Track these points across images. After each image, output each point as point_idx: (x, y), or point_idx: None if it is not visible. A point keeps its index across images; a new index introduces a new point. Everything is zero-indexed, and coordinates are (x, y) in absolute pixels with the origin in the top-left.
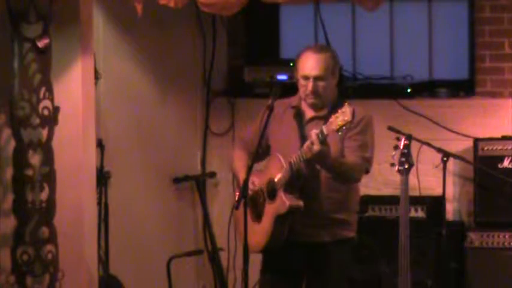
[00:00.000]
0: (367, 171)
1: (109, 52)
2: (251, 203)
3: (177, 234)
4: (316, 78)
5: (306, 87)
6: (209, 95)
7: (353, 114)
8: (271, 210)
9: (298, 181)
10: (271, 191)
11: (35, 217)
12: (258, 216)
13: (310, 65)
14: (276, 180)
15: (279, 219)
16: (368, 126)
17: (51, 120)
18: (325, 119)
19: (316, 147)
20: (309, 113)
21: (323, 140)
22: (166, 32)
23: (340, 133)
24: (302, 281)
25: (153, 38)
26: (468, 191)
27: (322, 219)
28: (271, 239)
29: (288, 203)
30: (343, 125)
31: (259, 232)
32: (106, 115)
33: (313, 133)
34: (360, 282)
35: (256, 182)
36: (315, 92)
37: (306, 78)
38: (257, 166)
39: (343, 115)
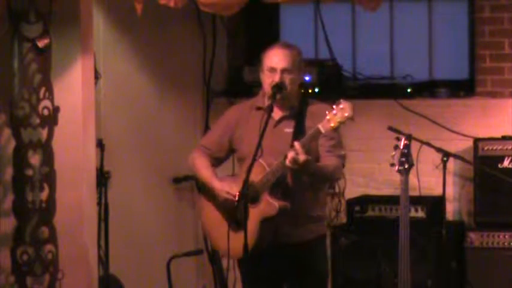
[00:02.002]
0: (343, 166)
1: (109, 52)
2: (223, 209)
3: (177, 234)
4: (284, 71)
5: (272, 79)
6: (209, 95)
7: (353, 110)
8: (256, 213)
9: (282, 183)
10: (252, 195)
11: (35, 217)
12: (236, 223)
13: (277, 58)
14: (257, 183)
15: (266, 222)
16: None
17: (51, 120)
18: (295, 118)
19: (302, 157)
20: (277, 114)
21: (308, 149)
22: (166, 32)
23: (337, 131)
24: (283, 283)
25: (153, 38)
26: (468, 191)
27: (301, 217)
28: (258, 242)
29: (277, 204)
30: (343, 122)
31: (243, 237)
32: (106, 115)
33: (297, 144)
34: (360, 282)
35: (235, 189)
36: (281, 84)
37: (273, 70)
38: (219, 171)
39: (341, 111)
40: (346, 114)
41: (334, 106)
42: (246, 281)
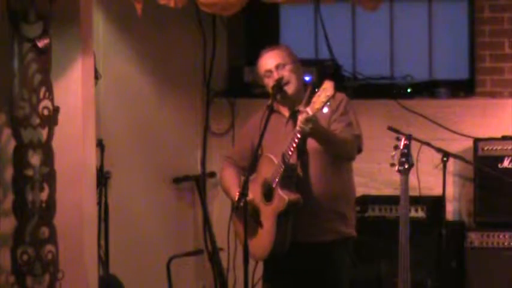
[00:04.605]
0: (359, 150)
1: (109, 52)
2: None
3: (177, 234)
4: (278, 66)
5: (272, 79)
6: (209, 95)
7: (334, 88)
8: (270, 210)
9: (293, 176)
10: (267, 192)
11: (35, 217)
12: (257, 225)
13: (267, 59)
14: (269, 178)
15: (281, 217)
16: (349, 106)
17: (51, 120)
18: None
19: (309, 117)
20: (286, 111)
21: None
22: (166, 32)
23: (325, 110)
24: (307, 284)
25: (153, 38)
26: (468, 191)
27: (319, 212)
28: (276, 240)
29: (286, 198)
30: (327, 101)
31: (263, 237)
32: (106, 115)
33: (300, 116)
34: (360, 282)
35: (250, 195)
36: (281, 80)
37: (269, 72)
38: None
39: (324, 91)
40: (328, 94)
41: (319, 89)
42: (266, 281)
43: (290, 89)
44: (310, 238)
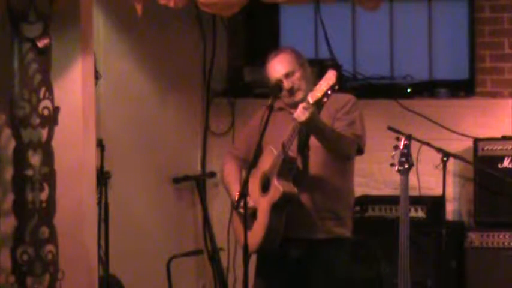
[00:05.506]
0: (360, 151)
1: (109, 52)
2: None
3: (177, 234)
4: (287, 75)
5: (285, 85)
6: (209, 95)
7: (337, 77)
8: (266, 202)
9: (291, 169)
10: (265, 184)
11: (35, 217)
12: (252, 217)
13: (276, 68)
14: (268, 170)
15: (275, 209)
16: (355, 106)
17: (51, 120)
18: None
19: (307, 106)
20: (293, 110)
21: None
22: (166, 32)
23: (325, 99)
24: (297, 282)
25: (153, 38)
26: (468, 191)
27: (316, 210)
28: (268, 232)
29: (281, 188)
30: (328, 89)
31: (256, 229)
32: (106, 115)
33: (300, 105)
34: (360, 282)
35: (251, 203)
36: (291, 89)
37: (279, 81)
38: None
39: (326, 80)
40: (330, 82)
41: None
42: (259, 275)
43: (300, 95)
44: (302, 235)
